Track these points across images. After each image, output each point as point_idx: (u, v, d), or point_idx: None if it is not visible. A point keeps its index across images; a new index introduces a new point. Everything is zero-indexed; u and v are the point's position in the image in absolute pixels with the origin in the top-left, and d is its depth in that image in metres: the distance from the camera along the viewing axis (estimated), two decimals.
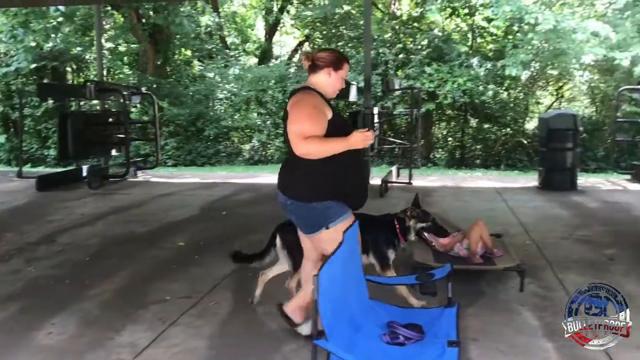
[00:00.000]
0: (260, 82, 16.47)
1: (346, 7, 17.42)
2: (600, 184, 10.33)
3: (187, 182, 10.91)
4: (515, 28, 14.69)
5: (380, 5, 17.90)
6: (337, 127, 3.17)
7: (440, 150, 16.81)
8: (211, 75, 17.75)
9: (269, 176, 11.96)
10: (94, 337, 3.62)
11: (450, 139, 17.00)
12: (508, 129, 15.44)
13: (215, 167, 15.28)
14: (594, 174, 12.79)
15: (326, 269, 2.14)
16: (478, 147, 16.24)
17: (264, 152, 16.30)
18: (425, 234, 3.94)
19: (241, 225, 6.86)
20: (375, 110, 10.63)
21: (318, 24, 18.39)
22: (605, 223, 6.80)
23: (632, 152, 12.74)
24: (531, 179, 10.48)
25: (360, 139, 3.13)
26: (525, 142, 14.81)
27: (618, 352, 3.34)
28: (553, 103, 15.66)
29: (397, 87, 11.54)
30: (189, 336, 3.63)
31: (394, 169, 10.46)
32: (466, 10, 15.85)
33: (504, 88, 15.48)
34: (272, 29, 20.17)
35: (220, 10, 19.25)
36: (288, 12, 19.90)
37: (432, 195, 8.94)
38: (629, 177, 10.70)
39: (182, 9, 16.90)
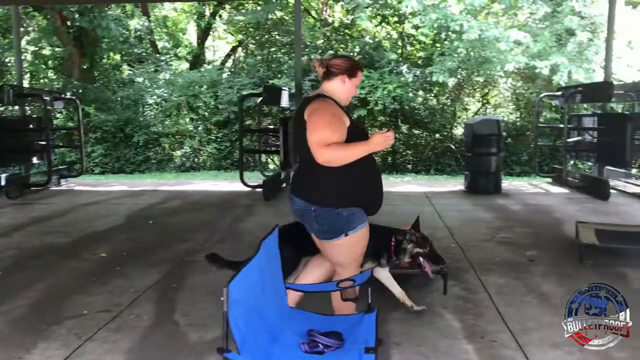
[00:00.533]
0: (192, 87, 16.19)
1: (279, 13, 17.41)
2: (524, 187, 10.73)
3: (114, 190, 10.56)
4: (443, 36, 15.11)
5: (312, 12, 18.00)
6: (355, 134, 3.17)
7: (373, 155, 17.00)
8: (140, 80, 17.30)
9: (200, 183, 11.80)
10: (1, 358, 3.41)
11: None
12: (437, 135, 15.81)
13: (145, 174, 14.87)
14: (518, 177, 13.29)
15: (239, 280, 2.09)
16: (409, 152, 16.54)
17: (195, 159, 16.00)
18: (421, 259, 3.88)
19: (168, 235, 6.68)
20: None
21: (251, 29, 18.28)
22: (526, 225, 7.06)
23: (553, 156, 13.34)
24: (459, 183, 10.76)
25: (381, 140, 3.12)
26: (453, 147, 15.20)
27: (535, 352, 3.46)
28: (479, 109, 16.16)
29: None
30: (105, 351, 3.48)
31: None
32: (396, 19, 16.15)
33: (432, 94, 15.87)
34: (204, 33, 19.89)
35: (150, 14, 18.82)
36: (220, 16, 19.68)
37: None
38: (550, 180, 11.17)
39: (109, 12, 16.40)
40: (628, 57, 13.85)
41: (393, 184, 11.90)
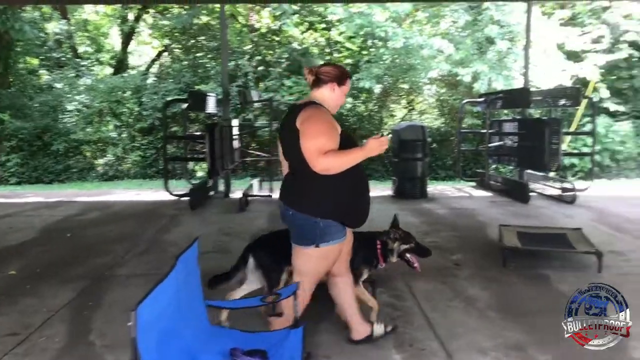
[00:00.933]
0: (114, 93, 15.61)
1: (205, 18, 17.09)
2: (449, 191, 10.96)
3: (29, 202, 9.97)
4: (370, 43, 15.29)
5: (240, 18, 17.79)
6: (348, 141, 3.15)
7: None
8: (60, 85, 16.51)
9: (123, 193, 11.33)
10: None
11: None
12: (365, 141, 15.93)
13: (65, 184, 14.18)
14: (443, 181, 13.61)
15: (150, 302, 1.93)
16: None
17: (119, 167, 15.41)
18: (408, 256, 3.88)
19: (86, 248, 6.33)
20: (236, 122, 10.45)
21: (177, 34, 17.85)
22: (452, 229, 7.18)
23: (476, 160, 13.74)
24: (387, 188, 10.86)
25: (377, 145, 3.12)
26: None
27: (464, 359, 3.47)
28: (405, 115, 16.45)
29: (255, 99, 11.46)
30: None
31: (255, 181, 10.34)
32: (323, 25, 16.22)
33: (360, 101, 16.01)
34: (127, 38, 19.24)
35: (69, 17, 18.02)
36: (145, 21, 19.11)
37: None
38: (474, 184, 11.48)
39: (24, 14, 15.57)
40: (544, 64, 14.45)
41: None
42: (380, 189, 11.31)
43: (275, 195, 9.75)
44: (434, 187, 11.43)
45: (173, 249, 5.97)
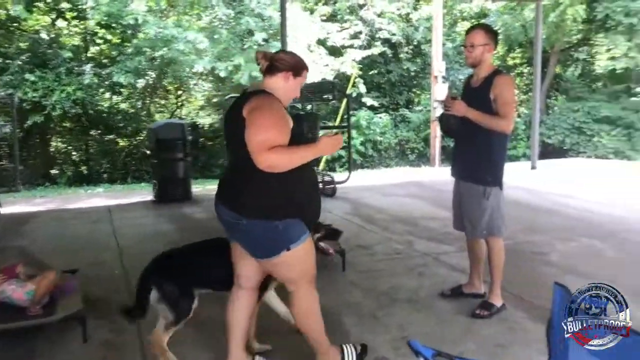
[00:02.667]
0: None
1: None
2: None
3: None
4: (129, 35, 14.11)
5: None
6: (296, 136, 2.76)
7: (64, 166, 15.18)
8: None
9: None
10: None
11: (74, 153, 15.52)
12: (132, 140, 14.80)
13: None
14: (216, 180, 13.09)
15: None
16: (104, 160, 15.20)
17: None
18: (322, 244, 3.58)
19: None
20: None
21: None
22: (205, 234, 6.58)
23: None
24: (148, 193, 10.00)
25: (331, 144, 2.81)
26: (148, 152, 14.38)
27: None
28: (175, 112, 15.62)
29: None
30: None
31: None
32: (75, 13, 14.58)
33: (123, 97, 14.76)
34: None
35: None
36: None
37: (30, 223, 7.63)
38: None
39: None
40: (309, 59, 14.74)
41: (77, 198, 10.62)
42: (145, 193, 10.41)
43: (4, 210, 8.41)
44: (202, 188, 10.85)
45: None
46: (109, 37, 14.75)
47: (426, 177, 11.96)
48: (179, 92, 15.54)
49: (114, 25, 13.29)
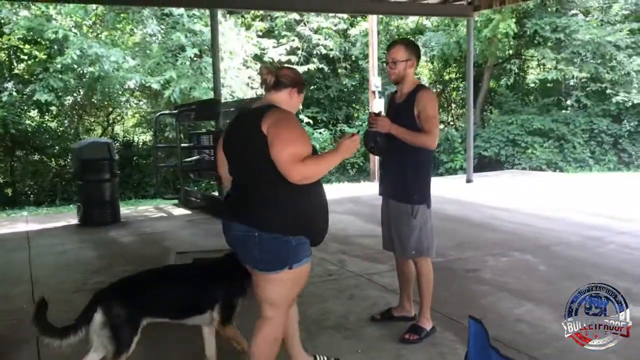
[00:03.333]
0: None
1: None
2: (149, 212, 10.02)
3: None
4: (56, 51, 13.49)
5: None
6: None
7: None
8: None
9: None
10: None
11: None
12: (60, 160, 14.12)
13: None
14: (152, 200, 12.58)
15: None
16: (31, 182, 14.44)
17: None
18: None
19: None
20: None
21: None
22: (129, 261, 6.19)
23: (178, 176, 13.04)
24: (72, 216, 9.46)
25: (351, 145, 2.84)
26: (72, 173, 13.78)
27: None
28: (105, 130, 15.03)
29: None
30: None
31: None
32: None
33: (50, 116, 14.10)
34: None
35: None
36: None
37: None
38: (176, 202, 10.73)
39: None
40: (245, 75, 14.51)
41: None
42: (70, 216, 9.85)
43: None
44: (134, 209, 10.40)
45: None
46: (35, 53, 14.09)
47: (365, 192, 11.88)
48: (110, 110, 14.97)
49: (39, 40, 12.67)
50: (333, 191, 12.18)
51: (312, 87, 19.04)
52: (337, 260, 5.88)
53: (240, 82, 13.50)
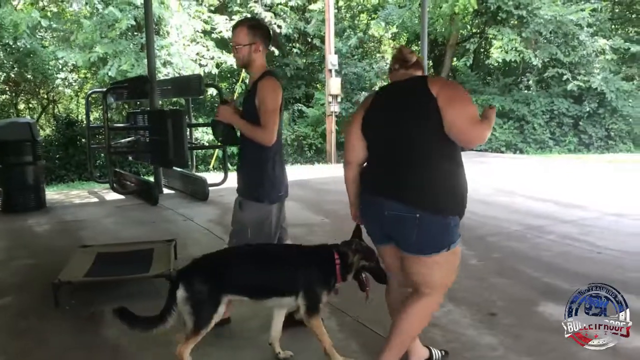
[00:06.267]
0: None
1: None
2: (80, 197, 9.43)
3: None
4: None
5: None
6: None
7: None
8: None
9: None
10: None
11: None
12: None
13: None
14: (87, 183, 11.87)
15: None
16: None
17: None
18: (364, 275, 3.03)
19: None
20: None
21: None
22: (31, 254, 5.63)
23: (123, 159, 12.40)
24: None
25: (491, 113, 2.64)
26: None
27: None
28: (46, 108, 14.23)
29: None
30: None
31: None
32: None
33: None
34: None
35: None
36: None
37: None
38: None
39: None
40: (193, 51, 13.84)
41: None
42: None
43: None
44: (66, 194, 9.80)
45: None
46: None
47: (317, 175, 11.45)
48: (51, 87, 14.15)
49: None
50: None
51: (268, 65, 18.41)
52: None
53: (186, 59, 12.84)
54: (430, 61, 18.59)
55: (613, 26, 20.40)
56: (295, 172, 12.26)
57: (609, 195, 8.24)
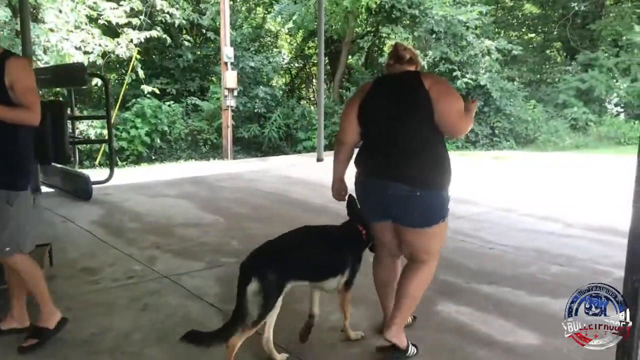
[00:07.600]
0: None
1: None
2: None
3: None
4: None
5: None
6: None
7: None
8: None
9: None
10: None
11: None
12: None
13: None
14: None
15: None
16: None
17: None
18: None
19: None
20: None
21: None
22: None
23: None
24: None
25: (474, 107, 3.11)
26: None
27: None
28: None
29: None
30: None
31: None
32: None
33: None
34: None
35: None
36: None
37: None
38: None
39: None
40: (78, 39, 12.91)
41: None
42: None
43: None
44: None
45: None
46: None
47: (212, 172, 11.04)
48: None
49: None
50: (175, 171, 11.18)
51: (160, 56, 17.67)
52: (146, 257, 5.01)
53: (69, 46, 11.93)
54: (326, 58, 18.61)
55: (497, 29, 21.53)
56: (189, 169, 11.79)
57: (498, 190, 8.57)
